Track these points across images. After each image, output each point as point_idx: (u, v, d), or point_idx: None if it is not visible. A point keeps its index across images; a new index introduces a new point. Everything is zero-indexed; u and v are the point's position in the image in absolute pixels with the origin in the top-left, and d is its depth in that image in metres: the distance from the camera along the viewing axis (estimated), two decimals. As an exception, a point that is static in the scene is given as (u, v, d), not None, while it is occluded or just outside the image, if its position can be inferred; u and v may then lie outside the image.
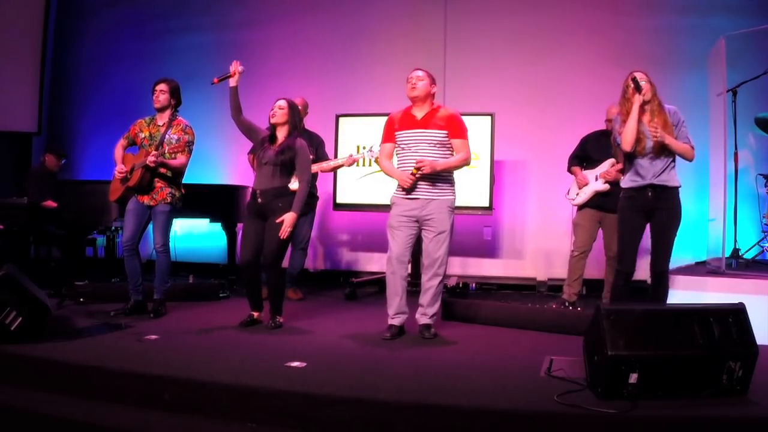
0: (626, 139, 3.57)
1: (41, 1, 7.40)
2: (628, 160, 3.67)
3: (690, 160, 3.65)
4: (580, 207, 4.78)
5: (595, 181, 4.69)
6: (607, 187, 4.60)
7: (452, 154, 3.79)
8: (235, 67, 3.98)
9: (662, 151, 3.55)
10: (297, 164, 4.03)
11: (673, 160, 3.61)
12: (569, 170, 4.93)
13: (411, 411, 2.51)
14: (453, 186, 3.81)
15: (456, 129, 3.77)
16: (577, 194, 4.79)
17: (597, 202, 4.67)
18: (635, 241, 3.68)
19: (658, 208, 3.60)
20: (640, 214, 3.65)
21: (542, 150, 6.10)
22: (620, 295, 3.68)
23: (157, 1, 7.43)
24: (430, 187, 3.72)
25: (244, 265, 4.06)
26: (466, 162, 3.80)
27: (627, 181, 3.69)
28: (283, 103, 4.06)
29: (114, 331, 3.80)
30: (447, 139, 3.75)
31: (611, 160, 4.58)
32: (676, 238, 3.67)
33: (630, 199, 3.67)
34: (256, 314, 4.10)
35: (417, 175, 3.65)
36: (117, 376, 2.90)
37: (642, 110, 3.58)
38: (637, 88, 3.53)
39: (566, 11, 6.18)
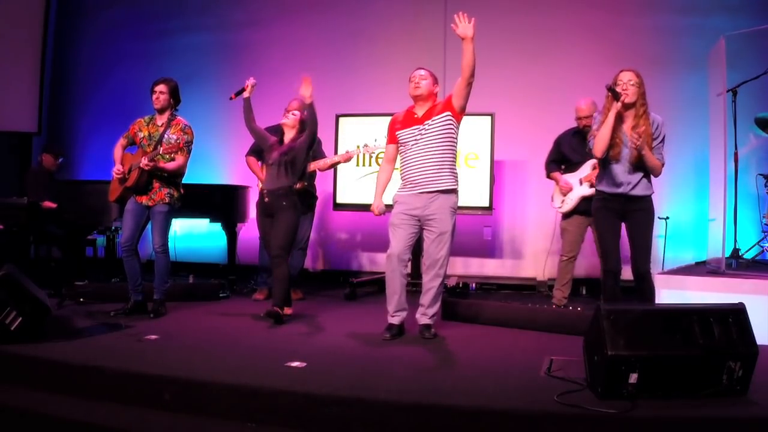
0: (598, 146, 3.55)
1: (41, 1, 7.41)
2: (602, 164, 3.66)
3: (656, 176, 3.64)
4: (567, 214, 4.70)
5: (580, 186, 4.60)
6: (593, 191, 4.43)
7: (455, 148, 3.79)
8: (249, 82, 4.37)
9: (638, 164, 3.53)
10: (302, 141, 4.27)
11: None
12: (548, 176, 4.84)
13: (411, 411, 2.51)
14: (456, 185, 3.80)
15: (451, 98, 3.75)
16: (563, 201, 4.69)
17: (584, 207, 4.57)
18: (615, 239, 3.68)
19: (632, 210, 3.62)
20: (614, 214, 3.66)
21: (542, 150, 6.04)
22: (613, 294, 3.68)
23: (156, 1, 7.44)
24: (434, 180, 3.71)
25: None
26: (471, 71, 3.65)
27: (602, 185, 3.68)
28: (298, 114, 4.41)
29: (114, 331, 3.79)
30: (451, 120, 3.72)
31: (592, 162, 4.52)
32: (676, 239, 3.67)
33: (603, 201, 3.68)
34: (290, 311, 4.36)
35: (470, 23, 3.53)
36: (117, 376, 2.90)
37: (622, 114, 3.53)
38: (615, 97, 3.48)
39: (566, 11, 6.18)
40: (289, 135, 4.38)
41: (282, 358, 3.12)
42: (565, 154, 4.75)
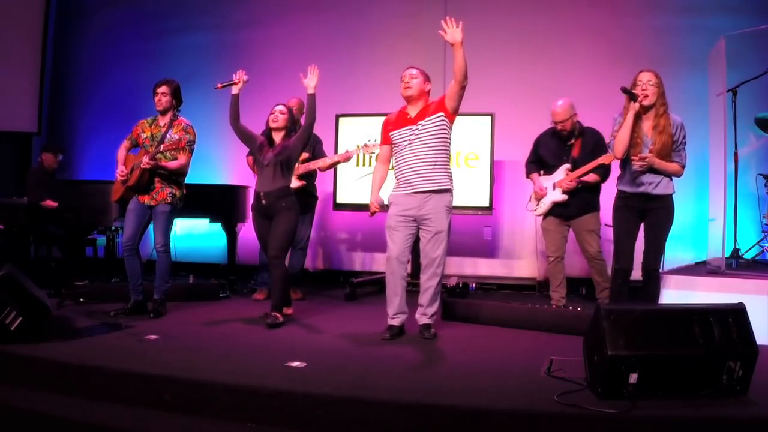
0: (617, 148, 3.60)
1: (41, 1, 7.41)
2: (623, 164, 3.68)
3: (678, 177, 3.68)
4: (544, 215, 4.68)
5: (553, 190, 4.58)
6: (565, 197, 4.49)
7: (448, 148, 3.79)
8: (240, 75, 4.19)
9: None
10: (295, 137, 4.20)
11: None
12: (528, 177, 4.82)
13: (411, 411, 2.51)
14: (451, 184, 3.80)
15: (443, 98, 3.74)
16: (538, 205, 4.67)
17: (558, 211, 4.57)
18: (631, 239, 3.69)
19: (652, 209, 3.63)
20: (634, 213, 3.67)
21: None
22: (619, 293, 3.69)
23: (157, 1, 7.43)
24: (428, 180, 3.71)
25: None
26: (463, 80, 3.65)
27: (623, 185, 3.70)
28: (283, 108, 4.29)
29: (114, 331, 3.80)
30: (444, 121, 3.71)
31: (566, 167, 4.51)
32: (675, 239, 3.68)
33: (624, 200, 3.69)
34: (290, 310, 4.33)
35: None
36: (117, 376, 2.90)
37: (641, 115, 3.56)
38: (632, 98, 3.51)
39: (566, 11, 6.18)
40: (278, 135, 4.24)
41: (282, 358, 3.12)
42: (542, 157, 4.70)
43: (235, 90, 4.18)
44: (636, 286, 3.76)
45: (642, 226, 3.71)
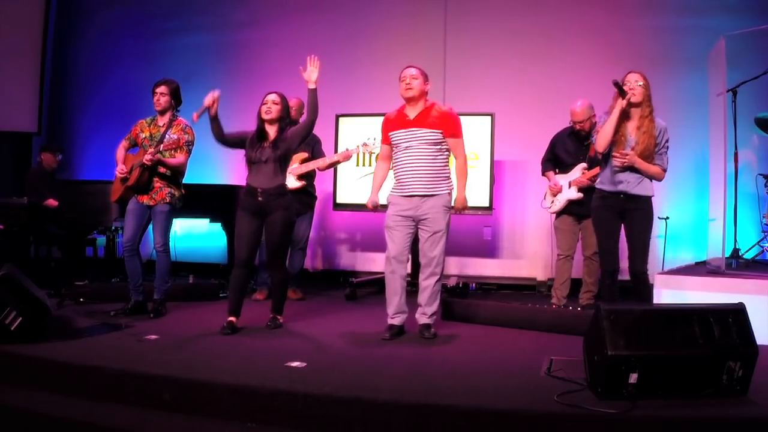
0: (599, 142, 3.61)
1: (41, 1, 7.41)
2: (604, 161, 3.68)
3: (658, 181, 3.68)
4: (558, 213, 4.70)
5: (568, 188, 4.59)
6: (580, 195, 4.51)
7: (447, 153, 3.80)
8: (211, 97, 3.81)
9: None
10: (297, 129, 4.00)
11: None
12: (543, 174, 4.85)
13: (411, 411, 2.51)
14: (449, 184, 3.81)
15: (450, 127, 3.75)
16: (552, 202, 4.70)
17: (572, 210, 4.60)
18: (613, 239, 3.69)
19: (631, 209, 3.63)
20: (613, 213, 3.67)
21: (542, 150, 6.06)
22: (610, 293, 3.69)
23: (157, 1, 7.43)
24: (426, 185, 3.71)
25: (240, 265, 3.90)
26: (465, 166, 3.81)
27: (602, 182, 3.71)
28: (276, 98, 3.95)
29: (114, 331, 3.80)
30: (441, 138, 3.74)
31: (582, 165, 4.53)
32: (675, 238, 3.67)
33: (603, 199, 3.70)
34: (235, 319, 3.86)
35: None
36: (117, 376, 2.90)
37: (627, 113, 3.57)
38: (621, 93, 3.52)
39: (566, 11, 6.18)
40: (272, 128, 3.92)
41: (282, 358, 3.12)
42: (558, 155, 4.73)
43: (212, 112, 3.83)
44: (626, 287, 3.76)
45: (624, 228, 3.71)
